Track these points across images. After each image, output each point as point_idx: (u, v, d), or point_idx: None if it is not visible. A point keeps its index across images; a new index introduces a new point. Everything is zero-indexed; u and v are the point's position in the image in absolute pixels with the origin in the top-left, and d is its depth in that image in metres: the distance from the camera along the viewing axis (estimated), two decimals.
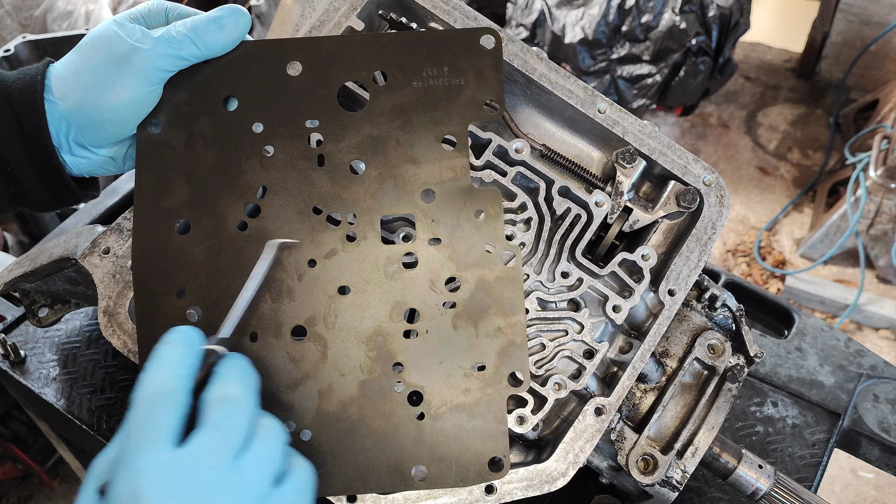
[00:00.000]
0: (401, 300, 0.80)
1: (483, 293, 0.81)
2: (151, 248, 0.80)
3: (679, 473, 0.90)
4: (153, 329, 0.77)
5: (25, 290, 1.12)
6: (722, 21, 3.18)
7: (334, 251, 0.80)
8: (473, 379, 0.80)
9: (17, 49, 2.12)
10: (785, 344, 1.34)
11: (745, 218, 3.46)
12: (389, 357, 0.79)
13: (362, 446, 0.77)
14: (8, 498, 2.41)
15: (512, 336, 0.81)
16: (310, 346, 0.79)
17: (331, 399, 0.78)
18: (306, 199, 0.81)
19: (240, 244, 0.80)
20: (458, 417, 0.79)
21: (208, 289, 0.79)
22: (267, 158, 0.81)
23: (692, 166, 0.93)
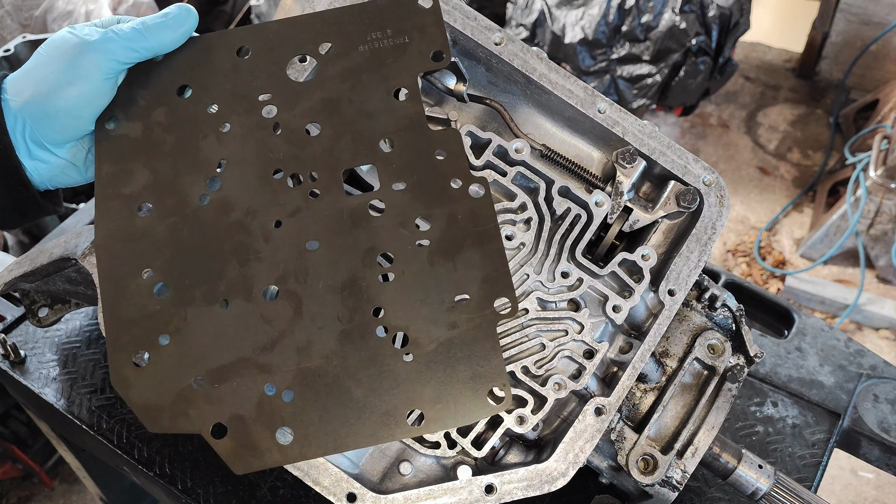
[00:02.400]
0: (372, 246, 0.80)
1: (455, 227, 0.80)
2: (114, 234, 0.80)
3: (679, 473, 0.90)
4: (119, 311, 0.78)
5: (25, 290, 1.12)
6: (722, 21, 3.18)
7: (298, 209, 0.81)
8: (459, 311, 0.78)
9: (17, 49, 2.12)
10: (785, 344, 1.34)
11: (745, 218, 3.46)
12: (368, 303, 0.78)
13: (350, 398, 0.75)
14: (8, 498, 2.41)
15: (492, 263, 0.79)
16: (283, 303, 0.78)
17: (310, 355, 0.76)
18: (265, 165, 0.82)
19: (203, 216, 0.81)
20: (448, 352, 0.77)
21: (173, 263, 0.79)
22: (224, 134, 0.83)
23: (692, 166, 0.93)
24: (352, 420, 0.75)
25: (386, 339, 0.77)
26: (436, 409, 0.76)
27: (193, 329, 0.77)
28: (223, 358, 0.76)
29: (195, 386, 0.75)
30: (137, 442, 1.15)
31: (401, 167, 0.82)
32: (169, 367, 0.76)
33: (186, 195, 0.81)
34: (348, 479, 0.81)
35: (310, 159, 0.82)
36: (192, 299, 0.78)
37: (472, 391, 0.76)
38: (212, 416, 0.75)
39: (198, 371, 0.76)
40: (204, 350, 0.77)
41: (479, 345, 0.77)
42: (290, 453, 0.74)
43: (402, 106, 0.84)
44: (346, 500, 0.80)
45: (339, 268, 0.79)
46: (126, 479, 1.74)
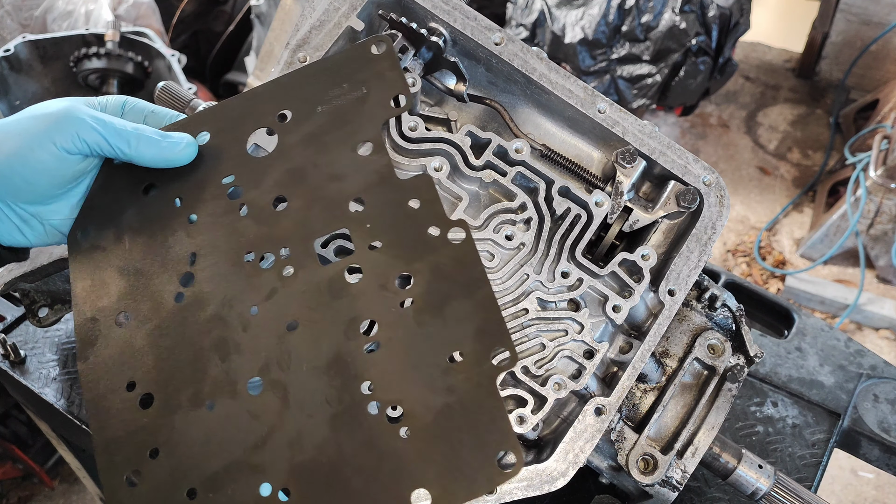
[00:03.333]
0: (354, 316, 0.76)
1: (441, 279, 0.76)
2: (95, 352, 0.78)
3: (679, 473, 0.90)
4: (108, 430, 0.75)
5: (25, 290, 1.12)
6: (722, 21, 3.18)
7: (274, 290, 0.77)
8: (454, 372, 0.73)
9: (17, 49, 2.12)
10: (785, 344, 1.34)
11: (745, 218, 3.46)
12: (356, 380, 0.74)
13: (350, 489, 0.71)
14: (8, 498, 2.41)
15: (484, 312, 0.74)
16: (269, 395, 0.74)
17: (303, 447, 0.72)
18: (237, 250, 0.79)
19: (181, 316, 0.78)
20: (448, 421, 0.72)
21: (157, 370, 0.76)
22: (192, 226, 0.81)
23: (692, 166, 0.93)
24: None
25: (380, 417, 0.72)
26: (442, 487, 0.70)
27: (183, 438, 0.74)
28: (215, 464, 0.73)
29: (189, 498, 0.72)
30: None
31: (375, 225, 0.78)
32: (162, 482, 0.73)
33: (161, 297, 0.79)
34: None
35: (281, 235, 0.79)
36: (178, 406, 0.75)
37: (479, 461, 0.71)
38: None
39: (191, 482, 0.73)
40: (195, 458, 0.74)
41: (481, 407, 0.72)
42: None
43: (369, 161, 0.81)
44: None
45: (322, 346, 0.75)
46: None
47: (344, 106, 0.83)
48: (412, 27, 0.91)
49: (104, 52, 2.15)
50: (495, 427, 0.71)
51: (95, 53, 2.15)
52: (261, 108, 0.84)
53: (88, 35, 2.24)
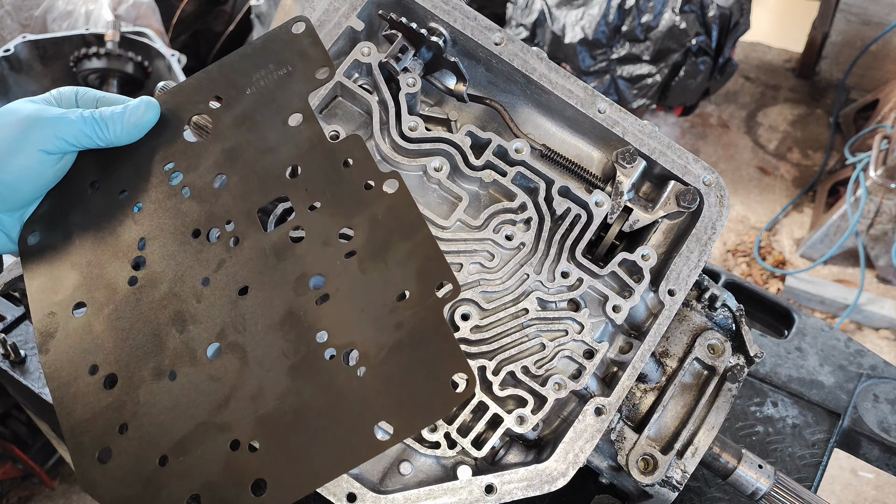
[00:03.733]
0: (302, 273, 0.79)
1: (379, 229, 0.79)
2: (55, 343, 0.81)
3: (679, 473, 0.90)
4: (74, 415, 0.78)
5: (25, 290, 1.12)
6: (722, 21, 3.18)
7: (223, 262, 0.81)
8: (401, 310, 0.76)
9: (17, 49, 2.12)
10: (785, 344, 1.34)
11: (745, 218, 3.46)
12: (309, 330, 0.77)
13: (314, 431, 0.74)
14: (8, 498, 2.41)
15: (424, 252, 0.78)
16: (228, 357, 0.77)
17: (265, 399, 0.75)
18: (183, 230, 0.83)
19: (135, 297, 0.81)
20: (400, 355, 0.75)
21: (118, 351, 0.79)
22: (138, 214, 0.85)
23: (692, 166, 0.93)
24: (321, 452, 0.73)
25: (336, 361, 0.76)
26: (402, 417, 0.73)
27: (149, 409, 0.77)
28: (183, 429, 0.75)
29: (161, 464, 0.75)
30: None
31: (312, 188, 0.82)
32: (133, 455, 0.75)
33: (115, 283, 0.82)
34: (348, 479, 0.81)
35: (223, 211, 0.83)
36: (141, 381, 0.78)
37: (433, 387, 0.74)
38: (183, 490, 0.74)
39: (161, 450, 0.75)
40: (163, 427, 0.76)
41: (430, 336, 0.75)
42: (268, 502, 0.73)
43: (300, 131, 0.84)
44: (346, 500, 0.80)
45: (274, 304, 0.78)
46: None
47: (270, 85, 0.87)
48: (412, 27, 0.91)
49: (104, 52, 2.16)
50: (445, 354, 0.74)
51: (95, 53, 2.15)
52: (193, 98, 0.88)
53: (88, 35, 2.24)
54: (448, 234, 0.90)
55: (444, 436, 0.86)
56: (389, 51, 0.92)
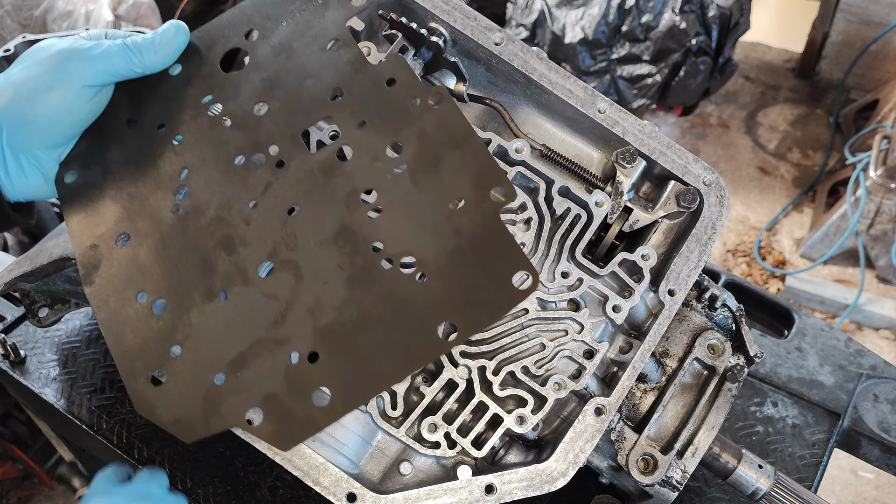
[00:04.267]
0: (352, 189, 0.79)
1: (429, 142, 0.79)
2: (100, 274, 0.81)
3: (679, 473, 0.90)
4: (125, 342, 0.78)
5: (25, 290, 1.12)
6: (722, 21, 3.18)
7: (269, 184, 0.81)
8: (458, 217, 0.76)
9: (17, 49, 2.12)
10: (785, 344, 1.34)
11: (745, 218, 3.46)
12: (365, 243, 0.77)
13: (376, 338, 0.74)
14: (8, 498, 2.41)
15: (477, 160, 0.78)
16: (281, 274, 0.77)
17: (324, 311, 0.75)
18: (226, 157, 0.83)
19: (181, 226, 0.81)
20: (460, 258, 0.75)
21: (166, 278, 0.79)
22: (178, 146, 0.85)
23: (692, 166, 0.93)
24: (384, 357, 0.73)
25: (393, 270, 0.75)
26: (465, 315, 0.73)
27: (201, 330, 0.77)
28: (239, 346, 0.76)
29: (218, 382, 0.75)
30: (137, 442, 1.15)
31: (356, 109, 0.82)
32: (188, 375, 0.76)
33: (159, 213, 0.82)
34: (348, 479, 0.81)
35: (266, 136, 0.83)
36: (192, 303, 0.78)
37: (494, 285, 0.74)
38: (244, 405, 0.74)
39: (217, 367, 0.75)
40: (217, 346, 0.76)
41: (489, 240, 0.75)
42: (334, 411, 0.73)
43: (339, 55, 0.84)
44: (346, 500, 0.80)
45: (326, 221, 0.78)
46: None
47: (306, 16, 0.87)
48: (412, 27, 0.91)
49: None
50: (506, 254, 0.74)
51: None
52: (227, 32, 0.88)
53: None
54: None
55: (444, 436, 0.86)
56: (389, 51, 0.92)
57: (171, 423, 0.75)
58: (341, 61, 0.84)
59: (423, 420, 0.86)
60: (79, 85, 0.80)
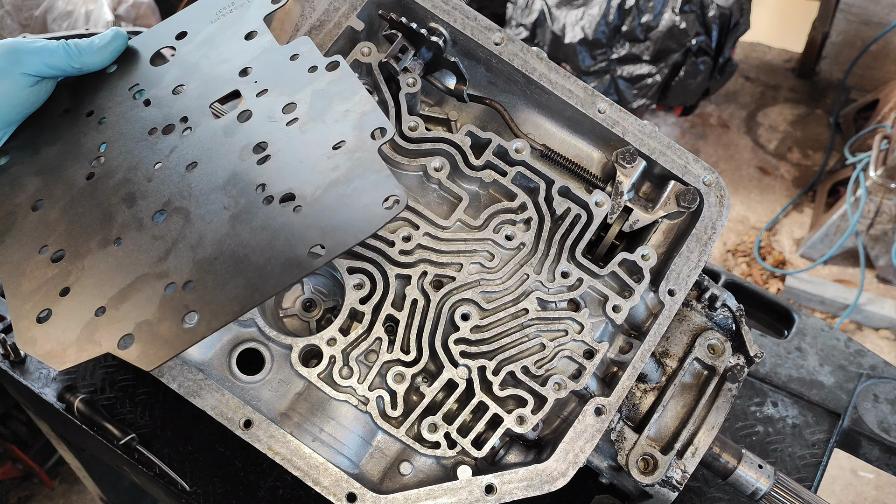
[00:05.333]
0: (246, 143, 0.85)
1: (320, 98, 0.85)
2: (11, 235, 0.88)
3: (679, 473, 0.90)
4: (21, 288, 0.84)
5: None
6: (722, 21, 3.18)
7: (174, 148, 0.88)
8: (338, 155, 0.81)
9: None
10: (785, 344, 1.34)
11: (745, 218, 3.46)
12: (250, 185, 0.82)
13: (249, 264, 0.78)
14: (8, 498, 2.41)
15: (360, 107, 0.83)
16: (172, 219, 0.83)
17: (204, 246, 0.80)
18: (141, 131, 0.90)
19: (91, 188, 0.88)
20: (335, 190, 0.79)
21: (68, 232, 0.85)
22: (101, 125, 0.92)
23: (692, 166, 0.93)
24: (255, 280, 0.77)
25: (273, 206, 0.80)
26: (335, 237, 0.77)
27: (92, 273, 0.82)
28: (122, 283, 0.80)
29: (98, 315, 0.79)
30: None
31: (261, 80, 0.89)
32: (71, 312, 0.80)
33: (73, 179, 0.89)
34: (348, 479, 0.81)
35: (179, 110, 0.90)
36: (87, 251, 0.83)
37: (364, 207, 0.77)
38: (118, 332, 0.78)
39: (98, 302, 0.79)
40: (103, 285, 0.81)
41: (364, 170, 0.79)
42: (199, 330, 0.76)
43: (256, 42, 0.92)
44: (345, 500, 0.80)
45: (219, 171, 0.84)
46: (126, 479, 1.74)
47: (231, 17, 0.96)
48: (412, 27, 0.91)
49: None
50: (376, 182, 0.78)
51: None
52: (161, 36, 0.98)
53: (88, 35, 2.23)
54: (448, 234, 0.90)
55: (444, 436, 0.86)
56: (389, 51, 0.92)
57: (45, 354, 0.79)
58: (254, 47, 0.92)
59: (423, 420, 0.86)
60: (18, 71, 0.88)
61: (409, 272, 0.88)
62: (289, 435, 0.83)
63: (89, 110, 0.94)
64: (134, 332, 0.77)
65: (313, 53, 0.89)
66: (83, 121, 0.93)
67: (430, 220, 0.90)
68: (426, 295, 0.88)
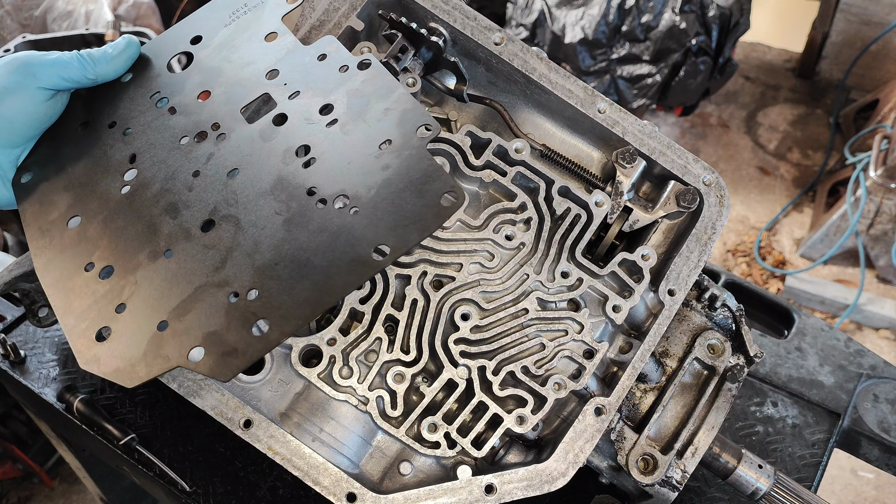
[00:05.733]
0: (287, 147, 0.85)
1: (357, 97, 0.85)
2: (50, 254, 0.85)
3: (679, 473, 0.90)
4: (72, 307, 0.82)
5: (25, 290, 1.12)
6: (722, 21, 3.18)
7: (211, 155, 0.87)
8: (386, 155, 0.81)
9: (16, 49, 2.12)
10: (785, 344, 1.34)
11: (745, 218, 3.46)
12: (300, 188, 0.82)
13: (312, 267, 0.78)
14: (8, 498, 2.41)
15: (401, 105, 0.83)
16: (222, 227, 0.82)
17: (261, 252, 0.80)
18: (171, 139, 0.89)
19: (128, 200, 0.86)
20: (389, 188, 0.79)
21: (112, 247, 0.84)
22: (127, 136, 0.91)
23: (692, 166, 0.93)
24: (322, 282, 0.77)
25: (327, 208, 0.80)
26: (397, 235, 0.77)
27: (145, 287, 0.81)
28: (182, 295, 0.79)
29: (161, 329, 0.78)
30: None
31: (291, 83, 0.88)
32: (132, 328, 0.79)
33: (108, 193, 0.87)
34: (348, 478, 0.81)
35: (209, 116, 0.89)
36: (138, 265, 0.82)
37: (424, 205, 0.78)
38: (186, 344, 0.76)
39: (160, 316, 0.78)
40: (161, 298, 0.80)
41: (415, 168, 0.79)
42: (271, 337, 0.75)
43: (276, 44, 0.91)
44: (345, 499, 0.80)
45: (263, 177, 0.84)
46: (126, 479, 1.74)
47: (246, 18, 0.95)
48: (412, 27, 0.91)
49: None
50: (432, 179, 0.79)
51: None
52: (174, 41, 0.96)
53: (88, 35, 2.23)
54: (448, 234, 0.90)
55: (444, 436, 0.86)
56: (389, 51, 0.92)
57: (113, 372, 0.77)
58: (277, 48, 0.91)
59: (423, 420, 0.86)
60: (34, 86, 0.86)
61: (409, 272, 0.88)
62: (289, 435, 0.83)
63: (111, 121, 0.92)
64: (203, 344, 0.76)
65: (341, 52, 0.88)
66: (106, 133, 0.91)
67: None
68: (426, 295, 0.88)
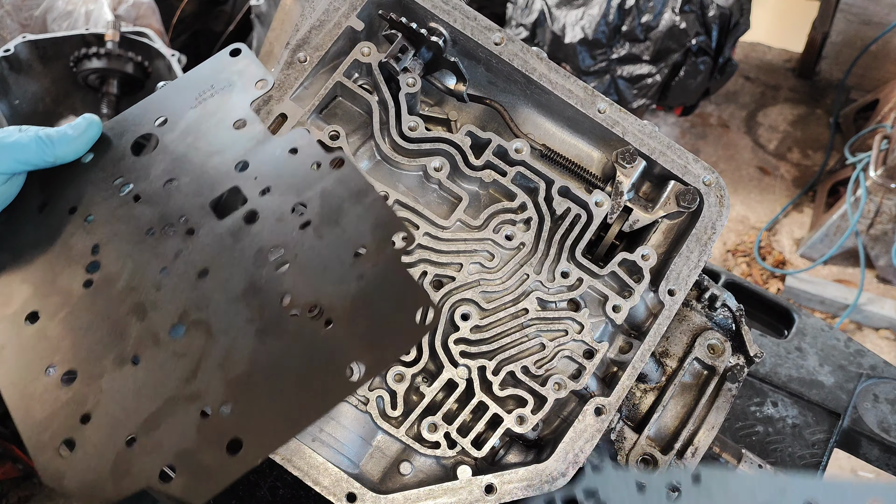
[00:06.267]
0: (259, 248, 0.81)
1: (330, 198, 0.83)
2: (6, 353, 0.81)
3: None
4: (32, 415, 0.78)
5: None
6: (722, 21, 3.18)
7: (179, 251, 0.83)
8: (361, 263, 0.79)
9: (17, 49, 2.12)
10: (785, 344, 1.34)
11: (745, 218, 3.46)
12: (272, 295, 0.79)
13: (288, 383, 0.75)
14: (8, 498, 2.41)
15: (376, 210, 0.81)
16: (192, 333, 0.78)
17: (234, 363, 0.76)
18: (137, 231, 0.85)
19: (92, 298, 0.82)
20: (365, 301, 0.77)
21: (75, 349, 0.80)
22: (90, 224, 0.87)
23: (692, 166, 0.93)
24: (297, 401, 0.74)
25: (301, 318, 0.77)
26: (374, 355, 0.75)
27: (112, 396, 0.77)
28: (150, 407, 0.76)
29: (129, 445, 0.74)
30: None
31: (262, 176, 0.85)
32: (98, 441, 0.75)
33: (69, 288, 0.83)
34: (348, 479, 0.81)
35: (176, 208, 0.85)
36: (103, 370, 0.78)
37: (400, 322, 0.76)
38: (156, 463, 0.73)
39: (128, 430, 0.75)
40: (128, 409, 0.76)
41: (391, 280, 0.77)
42: (247, 459, 0.73)
43: (245, 132, 0.88)
44: (345, 500, 0.80)
45: (235, 279, 0.80)
46: None
47: (213, 101, 0.91)
48: (412, 27, 0.91)
49: (104, 52, 2.15)
50: (408, 295, 0.77)
51: (95, 53, 2.15)
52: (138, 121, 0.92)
53: (88, 35, 2.24)
54: (448, 234, 0.90)
55: (444, 436, 0.86)
56: (389, 51, 0.92)
57: (79, 490, 0.74)
58: (246, 137, 0.88)
59: (423, 420, 0.86)
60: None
61: (409, 272, 0.88)
62: None
63: (71, 206, 0.88)
64: (175, 463, 0.73)
65: (312, 147, 0.85)
66: (66, 219, 0.87)
67: (429, 220, 0.90)
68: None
